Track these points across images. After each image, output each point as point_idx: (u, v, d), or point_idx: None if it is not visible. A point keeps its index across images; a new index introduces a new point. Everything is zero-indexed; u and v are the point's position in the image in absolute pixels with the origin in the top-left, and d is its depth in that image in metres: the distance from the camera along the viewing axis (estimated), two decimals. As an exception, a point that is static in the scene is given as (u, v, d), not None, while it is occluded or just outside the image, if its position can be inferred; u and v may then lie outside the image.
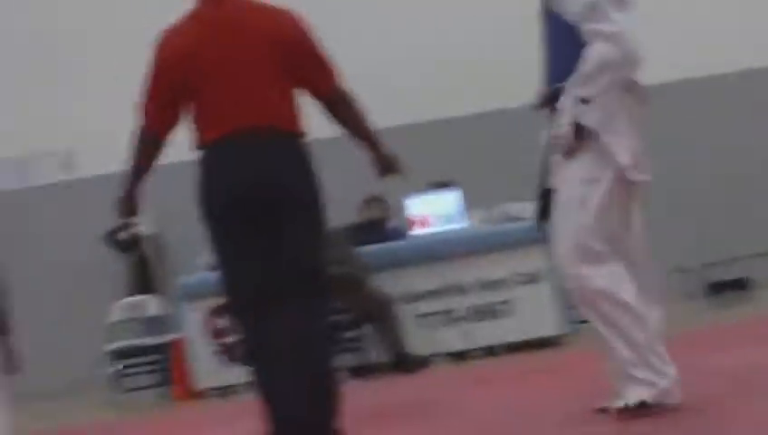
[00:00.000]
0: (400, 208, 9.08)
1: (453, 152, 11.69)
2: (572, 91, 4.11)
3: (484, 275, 8.66)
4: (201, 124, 4.38)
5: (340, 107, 4.49)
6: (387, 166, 4.61)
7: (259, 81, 4.32)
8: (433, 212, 8.68)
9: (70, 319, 9.60)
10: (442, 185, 9.28)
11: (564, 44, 4.18)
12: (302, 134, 4.39)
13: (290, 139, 4.35)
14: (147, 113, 4.47)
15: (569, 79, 4.13)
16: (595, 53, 4.08)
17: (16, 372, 4.84)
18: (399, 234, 9.21)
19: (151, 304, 10.10)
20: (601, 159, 4.11)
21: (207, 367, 9.01)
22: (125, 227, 9.86)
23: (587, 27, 4.11)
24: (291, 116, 4.37)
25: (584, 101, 4.08)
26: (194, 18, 4.42)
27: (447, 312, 8.73)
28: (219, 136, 4.31)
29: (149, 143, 4.50)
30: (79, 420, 8.10)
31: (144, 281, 10.08)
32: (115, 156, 10.05)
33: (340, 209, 4.47)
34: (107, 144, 10.50)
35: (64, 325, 8.49)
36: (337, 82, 4.49)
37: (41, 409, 9.01)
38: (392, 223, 9.48)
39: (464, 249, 8.64)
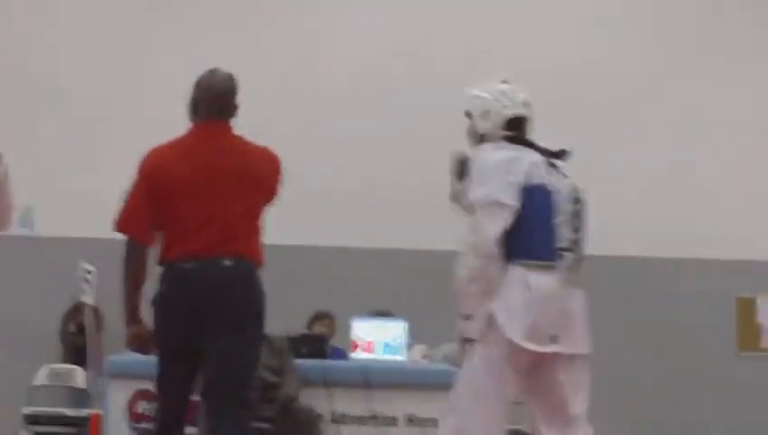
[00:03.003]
0: (347, 329, 9.08)
1: (404, 283, 11.60)
2: None
3: (412, 411, 8.58)
4: (170, 243, 4.74)
5: None
6: None
7: (229, 214, 4.70)
8: (376, 339, 8.65)
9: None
10: (385, 314, 9.35)
11: None
12: (259, 263, 4.78)
13: (248, 268, 4.73)
14: (131, 223, 4.81)
15: None
16: None
17: None
18: (339, 353, 9.21)
19: (78, 376, 9.95)
20: None
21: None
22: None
23: None
24: (252, 247, 4.75)
25: None
26: (182, 147, 4.67)
27: (370, 439, 8.63)
28: (184, 257, 4.68)
29: (138, 254, 4.73)
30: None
31: (76, 352, 9.98)
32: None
33: (287, 319, 4.71)
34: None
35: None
36: None
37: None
38: (335, 342, 9.48)
39: (394, 381, 8.59)
